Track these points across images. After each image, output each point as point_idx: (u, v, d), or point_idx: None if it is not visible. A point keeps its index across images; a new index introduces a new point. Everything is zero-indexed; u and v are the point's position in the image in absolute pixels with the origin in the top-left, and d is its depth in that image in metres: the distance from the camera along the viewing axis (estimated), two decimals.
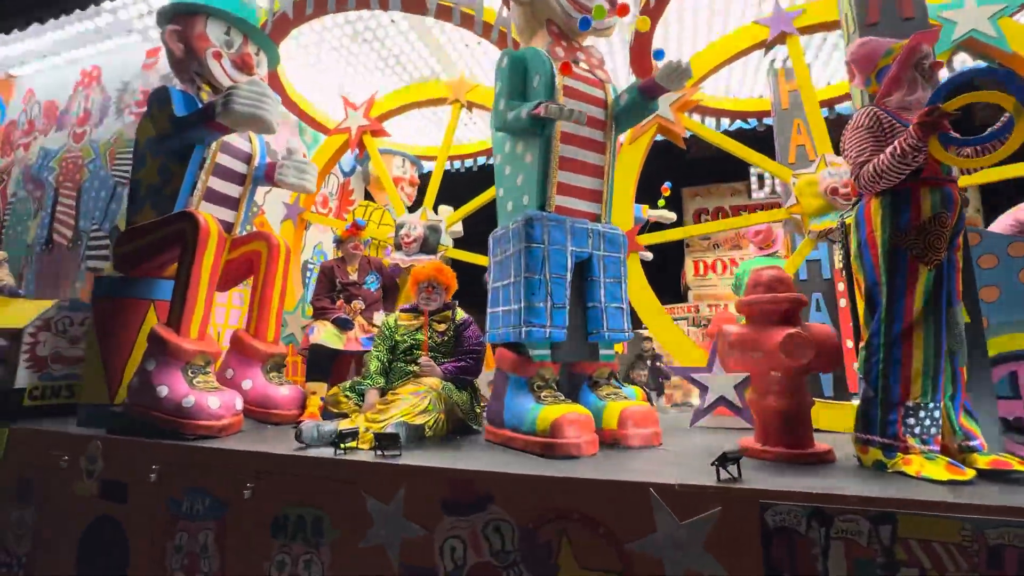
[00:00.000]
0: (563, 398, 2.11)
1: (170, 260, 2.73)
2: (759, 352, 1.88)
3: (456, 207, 3.71)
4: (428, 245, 3.51)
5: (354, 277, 3.23)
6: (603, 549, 1.47)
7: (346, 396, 2.38)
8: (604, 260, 2.34)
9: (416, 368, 2.41)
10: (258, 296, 2.91)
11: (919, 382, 1.59)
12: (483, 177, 5.19)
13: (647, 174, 3.36)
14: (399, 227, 3.63)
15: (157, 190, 2.77)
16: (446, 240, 3.57)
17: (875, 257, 1.70)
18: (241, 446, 2.14)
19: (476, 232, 3.61)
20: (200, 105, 2.84)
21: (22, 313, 2.90)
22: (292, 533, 1.87)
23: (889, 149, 1.62)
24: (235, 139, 2.97)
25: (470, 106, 3.76)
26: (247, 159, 3.05)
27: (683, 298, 9.14)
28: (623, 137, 3.24)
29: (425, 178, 5.00)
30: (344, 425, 2.15)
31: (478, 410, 2.49)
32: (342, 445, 1.95)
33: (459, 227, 3.75)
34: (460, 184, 4.94)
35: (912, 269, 1.62)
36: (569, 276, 2.20)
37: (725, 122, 4.52)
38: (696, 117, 4.24)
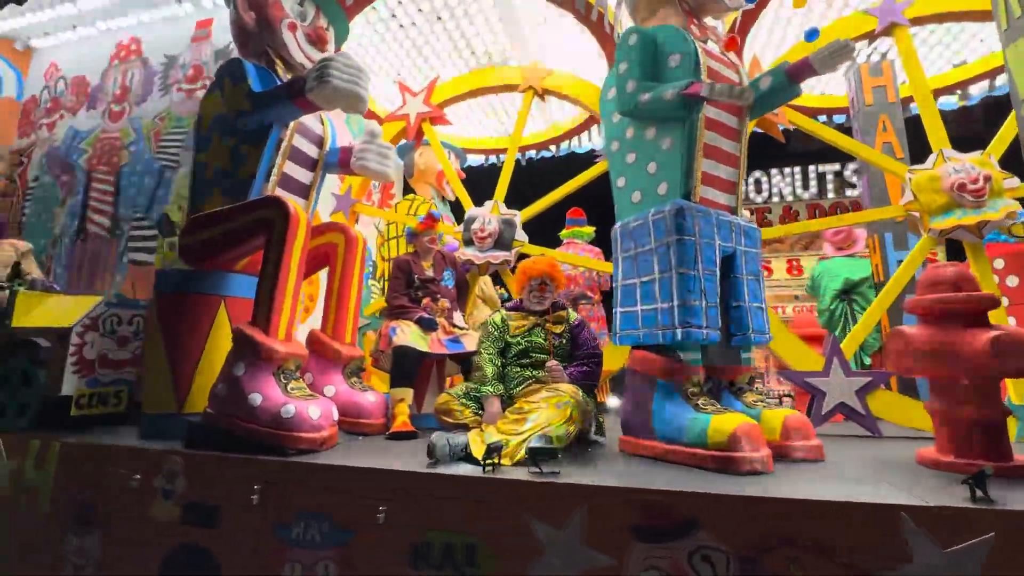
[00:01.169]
0: (721, 406, 1.92)
1: (247, 252, 2.45)
2: (950, 356, 1.72)
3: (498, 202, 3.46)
4: (503, 241, 3.28)
5: (431, 273, 2.98)
6: None
7: (463, 404, 2.13)
8: (746, 256, 2.17)
9: (540, 374, 2.19)
10: (335, 293, 2.64)
11: None
12: (529, 171, 4.99)
13: None
14: (469, 221, 3.38)
15: (228, 174, 2.48)
16: (521, 235, 3.34)
17: None
18: (356, 461, 1.88)
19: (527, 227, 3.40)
20: (278, 81, 2.57)
21: (65, 311, 2.55)
22: (438, 562, 1.63)
23: None
24: (309, 120, 2.70)
25: (543, 94, 3.55)
26: (319, 143, 2.79)
27: None
28: None
29: (470, 171, 4.77)
30: (473, 438, 1.91)
31: (601, 419, 2.29)
32: (490, 461, 1.71)
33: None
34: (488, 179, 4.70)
35: None
36: (718, 272, 2.02)
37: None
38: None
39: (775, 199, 10.06)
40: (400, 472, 1.75)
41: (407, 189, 4.90)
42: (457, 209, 4.46)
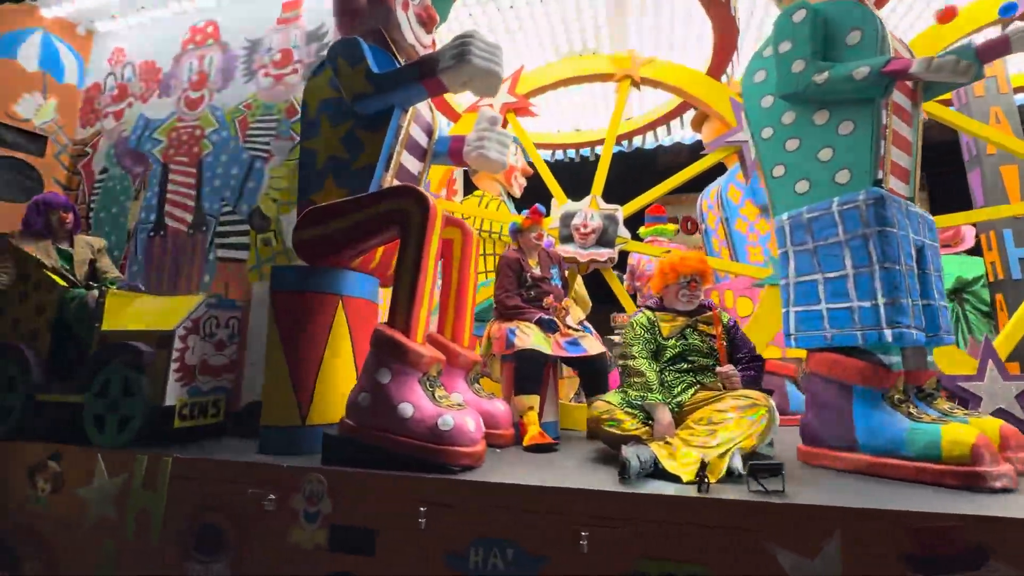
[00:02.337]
0: (935, 413, 1.75)
1: (371, 247, 2.25)
2: None
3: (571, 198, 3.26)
4: (607, 237, 3.09)
5: (538, 271, 2.78)
6: None
7: (628, 413, 1.93)
8: (932, 250, 2.01)
9: (706, 379, 2.00)
10: (454, 293, 2.43)
11: None
12: (589, 167, 4.80)
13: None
14: (567, 217, 3.19)
15: (343, 163, 2.28)
16: (623, 232, 3.15)
17: None
18: (529, 479, 1.67)
19: None
20: (395, 62, 2.37)
21: (161, 312, 2.33)
22: None
23: None
24: (420, 106, 2.49)
25: (640, 83, 3.37)
26: (429, 131, 2.59)
27: None
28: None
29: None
30: (661, 452, 1.72)
31: None
32: (705, 480, 1.52)
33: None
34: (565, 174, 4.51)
35: None
36: (916, 268, 1.85)
37: None
38: None
39: None
40: (599, 492, 1.55)
41: (468, 185, 4.70)
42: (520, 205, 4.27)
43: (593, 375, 2.58)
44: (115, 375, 2.19)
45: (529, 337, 2.45)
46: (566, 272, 3.16)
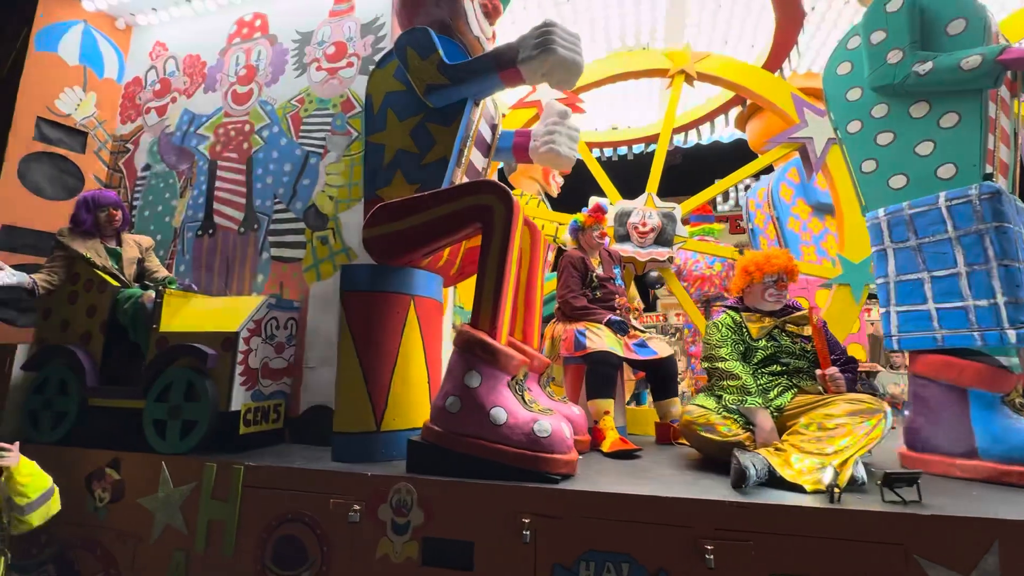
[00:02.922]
0: None
1: (446, 245, 2.16)
2: None
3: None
4: (665, 236, 3.00)
5: (602, 271, 2.70)
6: None
7: (726, 417, 1.84)
8: None
9: (804, 383, 1.92)
10: (523, 293, 2.34)
11: None
12: (627, 165, 4.72)
13: None
14: (623, 215, 3.11)
15: (413, 157, 2.19)
16: (681, 230, 3.07)
17: None
18: (641, 488, 1.59)
19: None
20: (464, 53, 2.29)
21: (222, 313, 2.23)
22: None
23: None
24: (487, 100, 2.41)
25: (696, 79, 3.29)
26: (493, 125, 2.50)
27: None
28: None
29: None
30: (775, 459, 1.63)
31: None
32: (838, 489, 1.44)
33: None
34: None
35: None
36: None
37: None
38: None
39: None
40: (722, 503, 1.46)
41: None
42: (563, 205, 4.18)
43: (663, 378, 2.50)
44: (178, 379, 2.09)
45: (602, 339, 2.37)
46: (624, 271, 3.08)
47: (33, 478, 1.75)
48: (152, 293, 2.32)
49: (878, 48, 2.03)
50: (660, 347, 2.50)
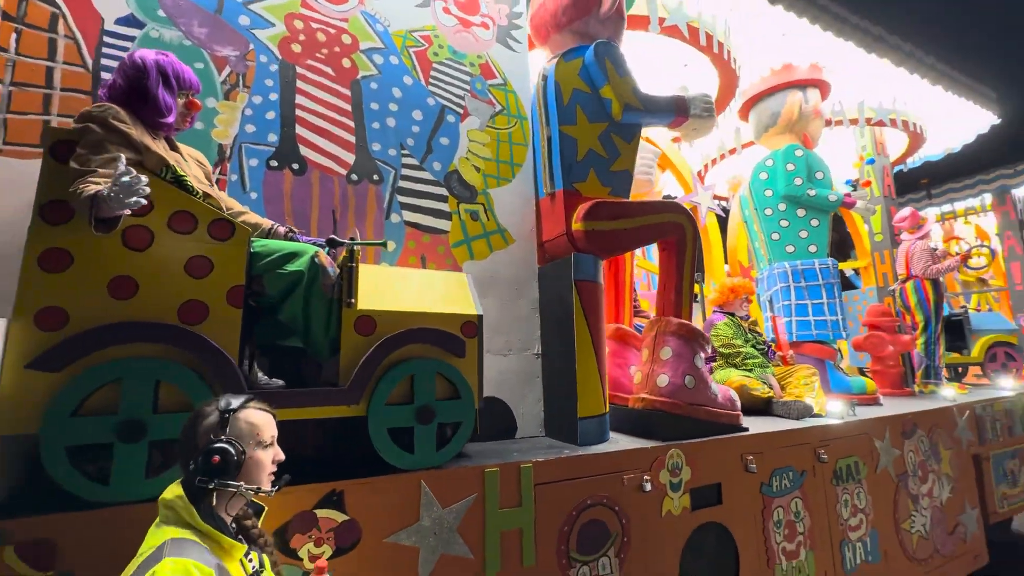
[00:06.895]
0: None
1: (638, 247, 2.47)
2: None
3: None
4: None
5: None
6: None
7: (757, 381, 2.95)
8: None
9: (769, 361, 3.27)
10: (685, 280, 2.70)
11: None
12: None
13: None
14: None
15: (603, 161, 2.40)
16: None
17: None
18: (780, 427, 2.52)
19: None
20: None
21: (423, 289, 1.73)
22: None
23: None
24: None
25: None
26: None
27: None
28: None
29: None
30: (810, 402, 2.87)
31: None
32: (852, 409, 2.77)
33: None
34: None
35: None
36: None
37: None
38: None
39: None
40: (819, 428, 2.55)
41: None
42: None
43: None
44: (424, 372, 1.59)
45: None
46: None
47: None
48: (327, 251, 1.57)
49: (790, 173, 3.65)
50: None
